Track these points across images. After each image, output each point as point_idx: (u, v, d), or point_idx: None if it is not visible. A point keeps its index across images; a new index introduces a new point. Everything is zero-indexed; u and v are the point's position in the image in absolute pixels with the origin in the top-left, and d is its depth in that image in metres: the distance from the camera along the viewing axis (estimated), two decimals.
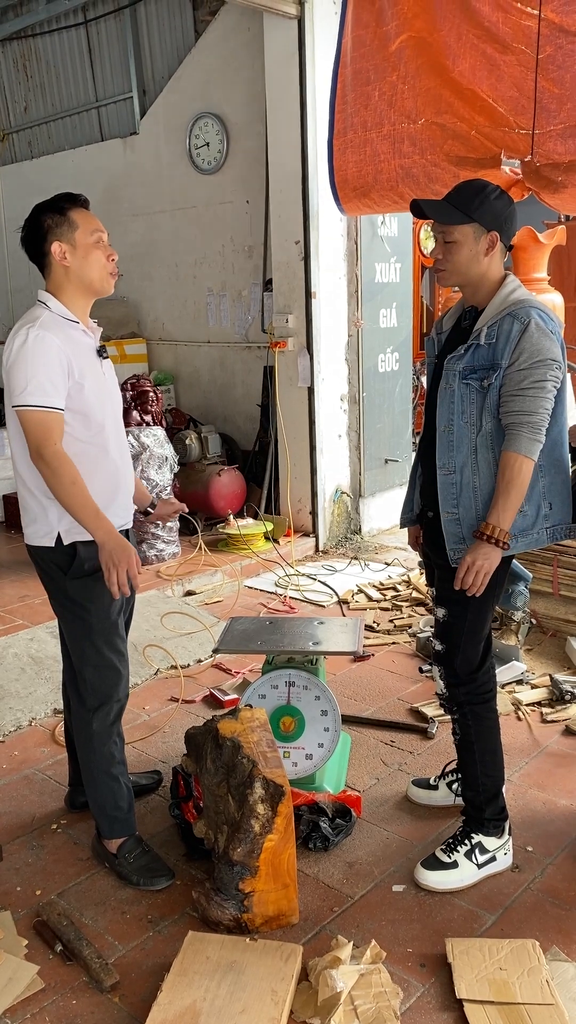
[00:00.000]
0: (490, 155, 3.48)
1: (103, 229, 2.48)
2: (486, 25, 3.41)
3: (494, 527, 2.34)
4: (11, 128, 8.25)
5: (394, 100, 3.64)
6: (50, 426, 2.34)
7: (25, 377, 2.32)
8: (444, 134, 3.57)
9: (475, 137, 3.48)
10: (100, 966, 2.23)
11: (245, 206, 6.28)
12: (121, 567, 2.37)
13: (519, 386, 2.30)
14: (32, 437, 2.34)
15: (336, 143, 3.91)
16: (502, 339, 2.32)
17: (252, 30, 5.78)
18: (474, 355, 2.37)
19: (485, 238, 2.36)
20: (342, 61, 3.92)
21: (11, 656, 4.08)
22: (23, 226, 2.49)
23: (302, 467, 5.83)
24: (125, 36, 6.93)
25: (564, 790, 3.02)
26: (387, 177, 3.78)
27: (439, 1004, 2.14)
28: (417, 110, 3.58)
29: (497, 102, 3.43)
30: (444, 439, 2.43)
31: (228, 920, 2.34)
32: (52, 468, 2.33)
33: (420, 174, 3.66)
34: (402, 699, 3.72)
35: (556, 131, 3.34)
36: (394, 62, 3.67)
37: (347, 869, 2.64)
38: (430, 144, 3.61)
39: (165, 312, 7.11)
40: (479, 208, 2.33)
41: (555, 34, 3.26)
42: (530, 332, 2.29)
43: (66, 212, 2.43)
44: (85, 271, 2.45)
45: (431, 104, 3.55)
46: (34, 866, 2.69)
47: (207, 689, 3.84)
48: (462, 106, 3.48)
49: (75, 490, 2.34)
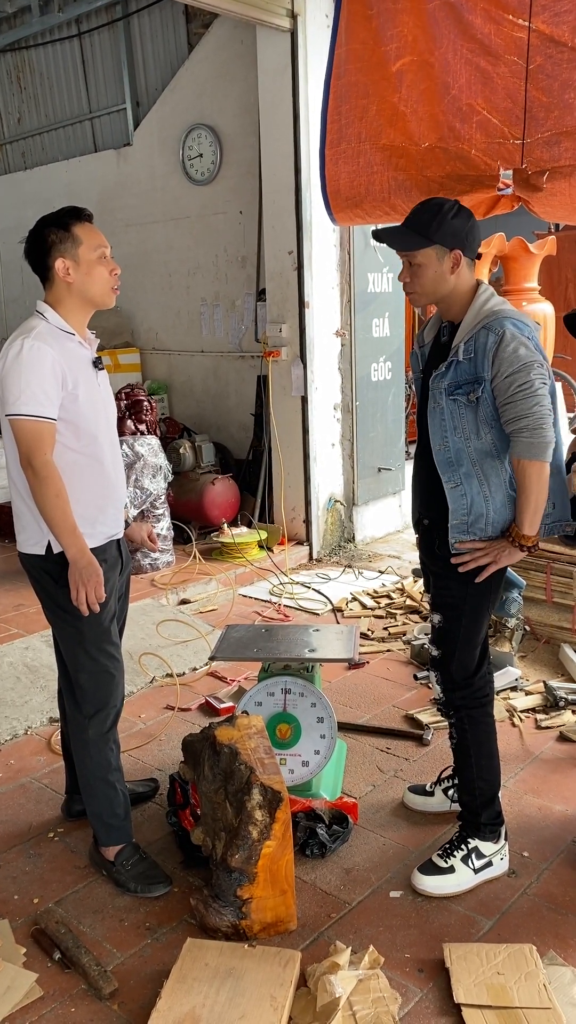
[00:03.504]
0: (489, 173, 3.51)
1: (106, 244, 2.50)
2: (479, 37, 3.45)
3: (516, 531, 2.40)
4: (5, 139, 8.29)
5: (395, 121, 3.67)
6: (42, 435, 2.36)
7: (19, 387, 2.34)
8: (447, 156, 3.61)
9: (475, 155, 3.52)
10: (99, 973, 2.23)
11: (238, 217, 6.32)
12: (89, 586, 2.41)
13: (507, 394, 2.33)
14: (23, 446, 2.37)
15: (328, 153, 3.92)
16: (479, 352, 2.35)
17: (245, 43, 5.83)
18: (456, 371, 2.39)
19: (448, 257, 2.39)
20: (335, 72, 3.94)
21: (6, 665, 4.07)
22: (26, 239, 2.50)
23: (296, 476, 5.86)
24: (119, 48, 6.97)
25: (559, 796, 3.03)
26: (380, 188, 3.80)
27: (437, 1009, 2.15)
28: (421, 134, 3.61)
29: (492, 113, 3.46)
30: (442, 457, 2.45)
31: (226, 927, 2.34)
32: (40, 478, 2.36)
33: (414, 187, 3.68)
34: (397, 706, 3.73)
35: (543, 138, 3.37)
36: (395, 84, 3.69)
37: (344, 875, 2.65)
38: (430, 164, 3.64)
39: (159, 322, 7.14)
40: (438, 230, 2.36)
41: (544, 44, 3.30)
42: (505, 342, 2.31)
43: (70, 228, 2.45)
44: (88, 287, 2.47)
45: (434, 130, 3.58)
46: (31, 874, 2.69)
47: (203, 697, 3.84)
48: (462, 127, 3.51)
49: (57, 503, 2.37)
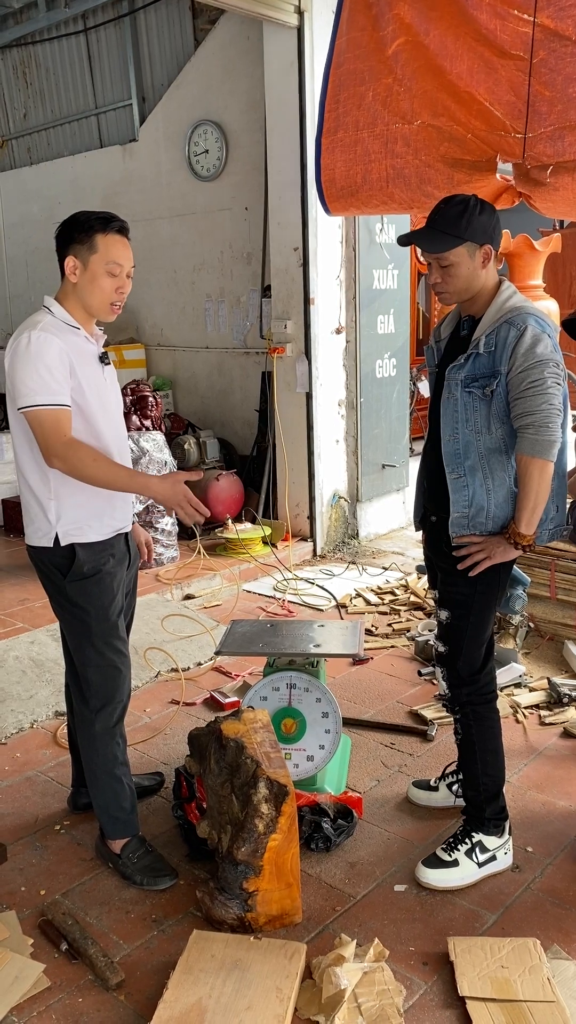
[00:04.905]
0: (485, 158, 3.50)
1: (123, 262, 2.44)
2: (483, 32, 3.44)
3: (513, 528, 2.40)
4: (10, 135, 8.29)
5: (388, 101, 3.66)
6: (60, 421, 2.36)
7: (31, 378, 2.33)
8: (440, 136, 3.59)
9: (471, 140, 3.50)
10: (105, 964, 2.25)
11: (244, 213, 6.32)
12: (182, 506, 2.40)
13: (519, 389, 2.34)
14: (42, 436, 2.35)
15: (325, 142, 3.91)
16: (500, 346, 2.35)
17: (252, 39, 5.83)
18: (474, 364, 2.40)
19: (479, 252, 2.39)
20: (335, 62, 3.93)
21: (12, 659, 4.09)
22: (62, 222, 2.48)
23: (300, 472, 5.87)
24: (125, 44, 6.97)
25: (563, 792, 3.04)
26: (377, 177, 3.79)
27: (441, 1002, 2.16)
28: (413, 111, 3.60)
29: (494, 105, 3.45)
30: (451, 447, 2.46)
31: (232, 919, 2.36)
32: (70, 456, 2.34)
33: (412, 175, 3.66)
34: (401, 702, 3.75)
35: (546, 133, 3.36)
36: (390, 65, 3.69)
37: (349, 869, 2.67)
38: (424, 145, 3.62)
39: (164, 318, 7.14)
40: (468, 227, 2.36)
41: (548, 39, 3.30)
42: (526, 338, 2.32)
43: (92, 233, 2.41)
44: (87, 294, 2.45)
45: (427, 106, 3.57)
46: (38, 867, 2.71)
47: (208, 692, 3.86)
48: (458, 109, 3.50)
49: (99, 465, 2.36)
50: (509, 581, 2.58)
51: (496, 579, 2.49)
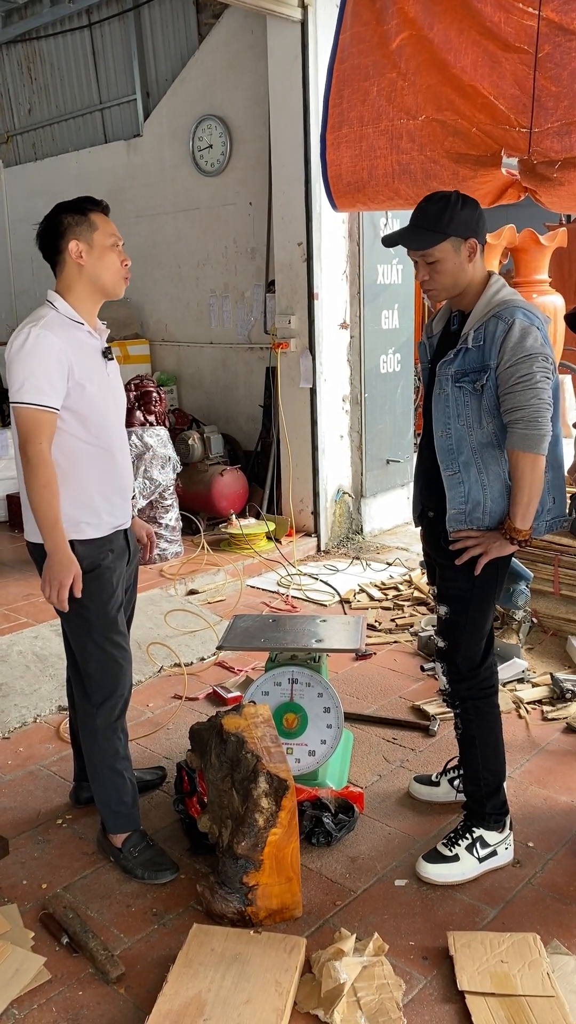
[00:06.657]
0: (490, 152, 3.49)
1: (120, 236, 2.53)
2: (488, 25, 3.42)
3: (508, 524, 2.40)
4: (15, 130, 8.30)
5: (393, 96, 3.64)
6: (40, 425, 2.38)
7: (23, 375, 2.36)
8: (444, 131, 3.57)
9: (476, 134, 3.49)
10: (106, 958, 2.26)
11: (248, 208, 6.31)
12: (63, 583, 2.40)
13: (508, 384, 2.33)
14: (21, 433, 2.39)
15: (329, 138, 3.89)
16: (489, 341, 2.35)
17: (255, 33, 5.82)
18: (464, 359, 2.40)
19: (464, 247, 2.39)
20: (339, 57, 3.92)
21: (16, 654, 4.10)
22: (41, 222, 2.51)
23: (304, 467, 5.86)
24: (129, 39, 6.97)
25: (564, 787, 3.04)
26: (383, 173, 3.77)
27: (441, 996, 2.16)
28: (417, 106, 3.58)
29: (498, 99, 3.43)
30: (443, 443, 2.46)
31: (232, 913, 2.36)
32: (32, 466, 2.38)
33: (418, 170, 3.65)
34: (404, 697, 3.75)
35: (553, 128, 3.34)
36: (394, 59, 3.67)
37: (350, 864, 2.67)
38: (429, 140, 3.61)
39: (168, 313, 7.14)
40: (451, 222, 2.36)
41: (554, 32, 3.28)
42: (514, 331, 2.31)
43: (87, 213, 2.47)
44: (99, 272, 2.48)
45: (431, 101, 3.55)
46: (40, 860, 2.72)
47: (210, 687, 3.86)
48: (463, 103, 3.49)
49: (45, 493, 2.39)
50: (511, 576, 2.59)
51: (494, 574, 2.49)
